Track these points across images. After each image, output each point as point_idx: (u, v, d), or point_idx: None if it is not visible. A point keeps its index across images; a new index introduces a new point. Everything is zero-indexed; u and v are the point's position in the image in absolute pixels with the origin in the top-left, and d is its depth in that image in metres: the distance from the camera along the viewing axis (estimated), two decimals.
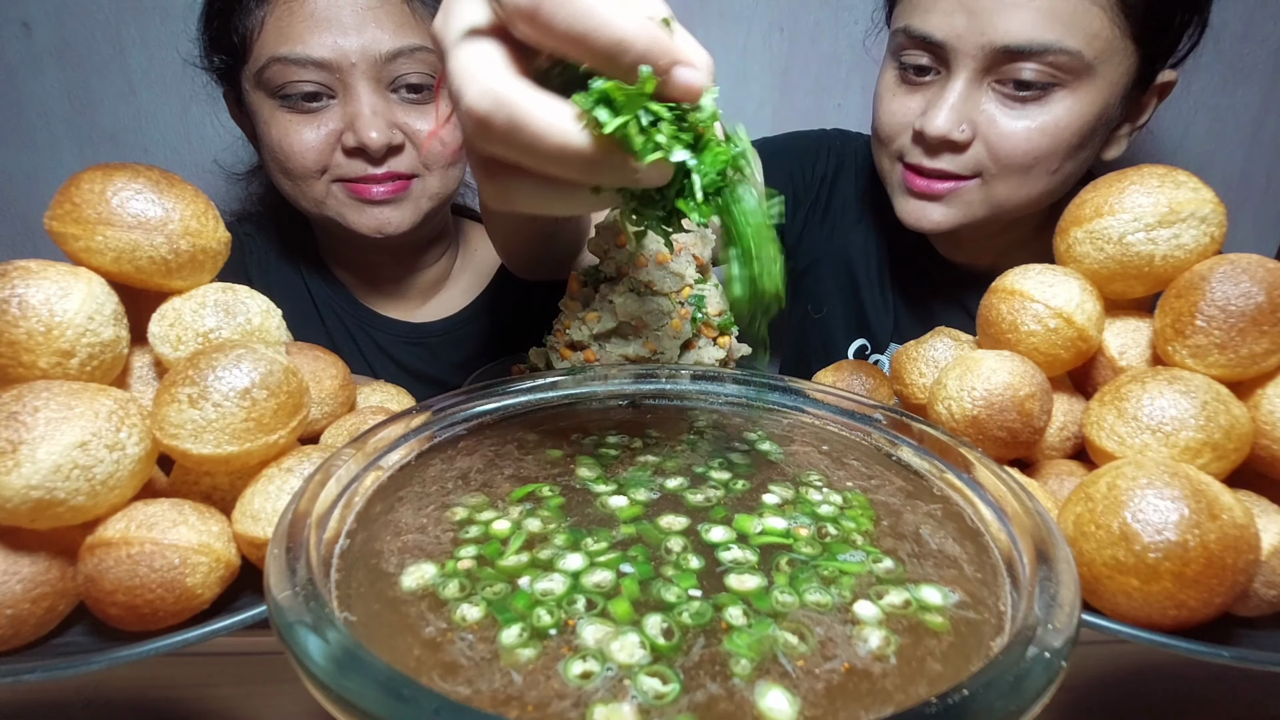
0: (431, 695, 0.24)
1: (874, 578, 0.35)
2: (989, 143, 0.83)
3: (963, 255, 1.04)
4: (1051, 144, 0.81)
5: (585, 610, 0.32)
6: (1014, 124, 0.81)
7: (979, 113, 0.82)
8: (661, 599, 0.33)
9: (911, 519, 0.40)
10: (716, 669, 0.29)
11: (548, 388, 0.51)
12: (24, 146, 1.27)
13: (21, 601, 0.41)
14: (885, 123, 0.91)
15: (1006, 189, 0.85)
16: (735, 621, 0.32)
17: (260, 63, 0.87)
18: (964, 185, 0.86)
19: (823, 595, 0.34)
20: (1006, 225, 0.95)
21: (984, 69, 0.81)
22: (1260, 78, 1.35)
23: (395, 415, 0.44)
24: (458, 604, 0.32)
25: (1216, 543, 0.40)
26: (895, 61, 0.90)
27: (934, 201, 0.88)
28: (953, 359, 0.60)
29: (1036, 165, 0.83)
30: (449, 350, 1.10)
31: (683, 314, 0.64)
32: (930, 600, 0.34)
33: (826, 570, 0.35)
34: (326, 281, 1.08)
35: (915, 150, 0.88)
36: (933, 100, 0.84)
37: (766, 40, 1.29)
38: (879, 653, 0.30)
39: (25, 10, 1.19)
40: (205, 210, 0.50)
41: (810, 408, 0.51)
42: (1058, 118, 0.80)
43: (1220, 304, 0.48)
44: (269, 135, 0.90)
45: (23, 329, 0.43)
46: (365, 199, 0.92)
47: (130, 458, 0.42)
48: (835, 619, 0.32)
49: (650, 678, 0.28)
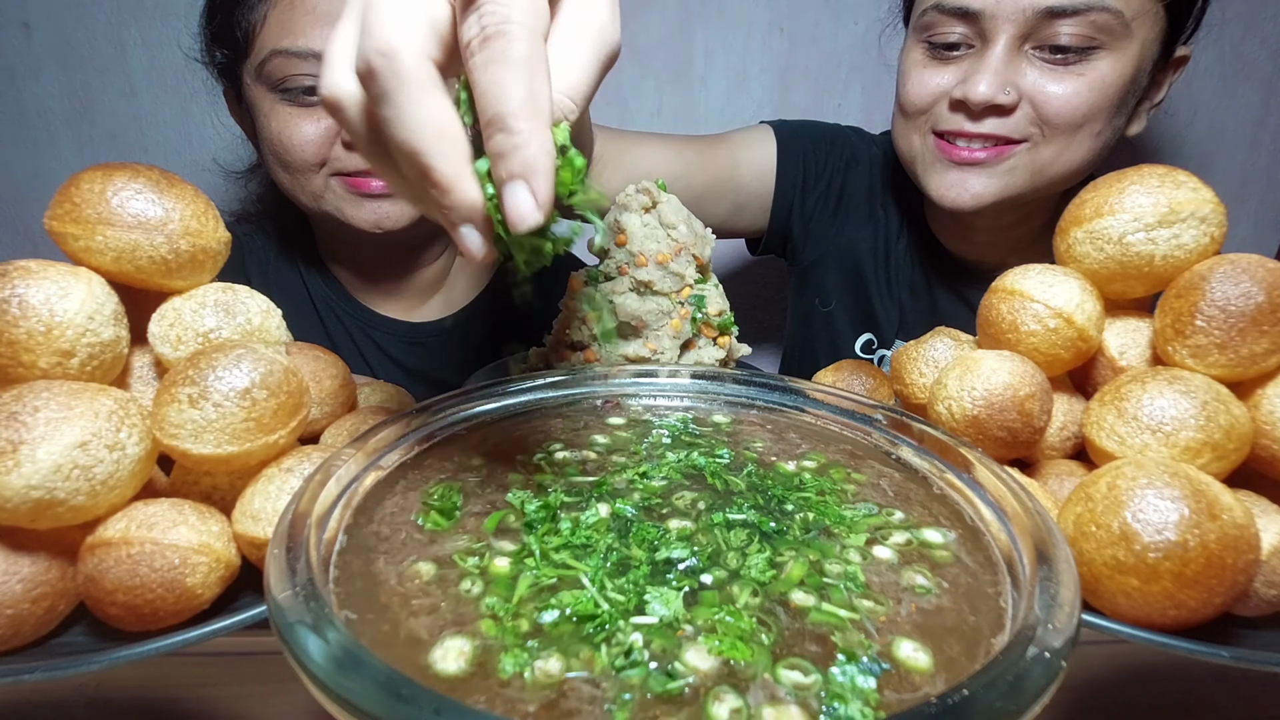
0: (431, 695, 0.24)
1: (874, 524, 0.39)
2: (1037, 104, 0.84)
3: (973, 252, 1.04)
4: (1099, 100, 0.83)
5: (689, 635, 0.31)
6: (1061, 85, 0.82)
7: (1022, 78, 0.84)
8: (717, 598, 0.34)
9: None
10: (828, 645, 0.31)
11: (548, 388, 0.51)
12: (24, 146, 1.27)
13: (21, 601, 0.41)
14: (915, 95, 0.91)
15: (1053, 152, 0.86)
16: (804, 603, 0.33)
17: (262, 56, 0.87)
18: (1011, 150, 0.87)
19: (840, 558, 0.37)
20: (1020, 218, 0.96)
21: (1023, 35, 0.82)
22: (1260, 78, 1.35)
23: (395, 415, 0.44)
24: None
25: (1216, 543, 0.40)
26: (922, 39, 0.90)
27: (975, 171, 0.88)
28: (953, 359, 0.60)
29: (1085, 124, 0.84)
30: (448, 350, 1.10)
31: (683, 314, 0.64)
32: (932, 539, 0.38)
33: (832, 525, 0.39)
34: (325, 281, 1.08)
35: (954, 118, 0.88)
36: (970, 70, 0.85)
37: (766, 40, 1.29)
38: (926, 586, 0.34)
39: (25, 10, 1.19)
40: (205, 210, 0.50)
41: (810, 408, 0.51)
42: (1103, 74, 0.82)
43: (1220, 304, 0.48)
44: (268, 128, 0.90)
45: (23, 329, 0.43)
46: (363, 193, 0.92)
47: (130, 458, 0.42)
48: (873, 570, 0.36)
49: (789, 670, 0.29)
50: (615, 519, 0.39)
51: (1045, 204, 0.97)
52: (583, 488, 0.41)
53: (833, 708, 0.27)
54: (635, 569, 0.35)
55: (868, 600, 0.33)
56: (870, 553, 0.37)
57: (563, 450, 0.46)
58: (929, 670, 0.29)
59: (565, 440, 0.47)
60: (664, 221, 0.64)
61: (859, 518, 0.40)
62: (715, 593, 0.33)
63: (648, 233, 0.63)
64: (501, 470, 0.43)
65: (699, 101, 1.33)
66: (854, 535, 0.38)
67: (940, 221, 1.06)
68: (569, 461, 0.45)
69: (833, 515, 0.40)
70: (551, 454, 0.45)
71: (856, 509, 0.41)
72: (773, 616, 0.32)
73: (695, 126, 1.34)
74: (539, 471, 0.43)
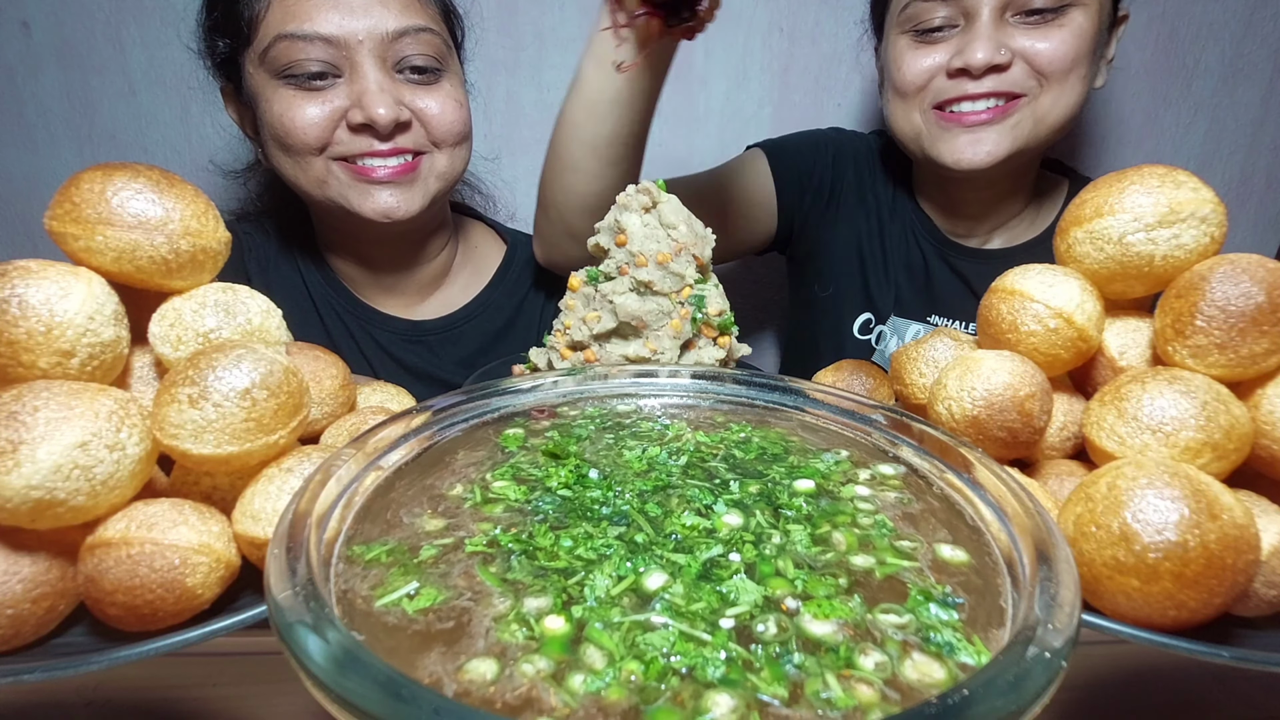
0: (431, 695, 0.24)
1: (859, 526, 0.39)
2: (1029, 58, 0.94)
3: (963, 224, 1.12)
4: (1082, 45, 0.94)
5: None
6: (1047, 39, 0.93)
7: (1011, 40, 0.94)
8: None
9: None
10: (902, 590, 0.34)
11: (548, 388, 0.51)
12: (24, 146, 1.27)
13: (22, 601, 0.41)
14: (912, 76, 0.99)
15: (1050, 99, 0.96)
16: (865, 564, 0.35)
17: (266, 41, 0.87)
18: (1015, 104, 0.96)
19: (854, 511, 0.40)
20: (1005, 189, 1.06)
21: (1002, 6, 0.93)
22: (1260, 78, 1.35)
23: (395, 415, 0.44)
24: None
25: (1216, 543, 0.40)
26: (906, 31, 0.99)
27: (985, 129, 0.97)
28: (953, 359, 0.60)
29: (1074, 69, 0.95)
30: (449, 348, 1.10)
31: (683, 314, 0.64)
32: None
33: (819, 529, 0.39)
34: (326, 279, 1.08)
35: (956, 85, 0.97)
36: (961, 44, 0.95)
37: (766, 40, 1.29)
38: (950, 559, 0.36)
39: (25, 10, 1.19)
40: (205, 210, 0.50)
41: (810, 408, 0.51)
42: (1080, 25, 0.94)
43: (1220, 304, 0.48)
44: (270, 112, 0.89)
45: (23, 329, 0.43)
46: (369, 180, 0.91)
47: (130, 458, 0.42)
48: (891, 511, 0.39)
49: (885, 615, 0.32)
50: (626, 542, 0.37)
51: (1029, 171, 1.08)
52: (586, 501, 0.41)
53: (932, 638, 0.31)
54: (686, 574, 0.34)
55: (905, 541, 0.37)
56: (878, 496, 0.41)
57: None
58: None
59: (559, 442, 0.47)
60: (664, 221, 0.64)
61: (832, 467, 0.44)
62: (779, 578, 0.35)
63: (648, 233, 0.63)
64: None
65: (699, 101, 1.33)
66: (849, 485, 0.42)
67: (931, 198, 1.14)
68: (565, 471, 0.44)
69: (812, 471, 0.43)
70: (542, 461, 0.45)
71: (824, 458, 0.44)
72: (840, 575, 0.35)
73: (695, 126, 1.34)
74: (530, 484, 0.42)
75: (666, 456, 0.45)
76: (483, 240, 1.17)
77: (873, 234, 1.16)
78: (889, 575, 0.35)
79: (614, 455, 0.45)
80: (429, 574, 0.33)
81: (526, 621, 0.31)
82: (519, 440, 0.46)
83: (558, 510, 0.39)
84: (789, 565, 0.35)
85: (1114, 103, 1.36)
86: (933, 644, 0.30)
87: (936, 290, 1.13)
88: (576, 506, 0.39)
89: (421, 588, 0.32)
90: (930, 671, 0.29)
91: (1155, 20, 1.30)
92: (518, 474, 0.42)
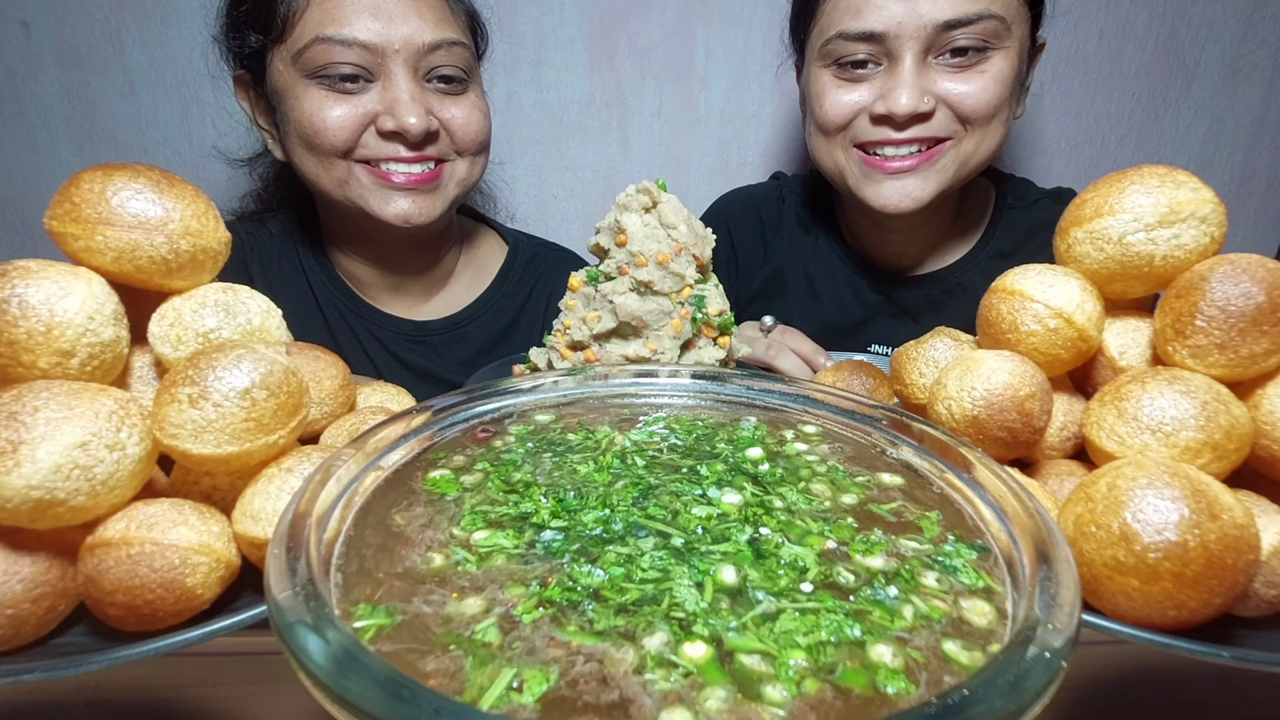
0: (431, 695, 0.24)
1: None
2: (953, 104, 0.94)
3: (893, 254, 1.13)
4: (1003, 90, 0.94)
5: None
6: (969, 84, 0.93)
7: (934, 85, 0.94)
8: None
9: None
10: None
11: (548, 388, 0.51)
12: (24, 146, 1.27)
13: (22, 601, 0.41)
14: (833, 114, 0.98)
15: (973, 143, 0.97)
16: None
17: (302, 42, 0.88)
18: (940, 149, 0.96)
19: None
20: (930, 215, 1.05)
21: (925, 48, 0.92)
22: (1260, 78, 1.35)
23: (395, 415, 0.44)
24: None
25: (1216, 543, 0.40)
26: (828, 65, 0.98)
27: (910, 176, 0.97)
28: (953, 359, 0.60)
29: (997, 114, 0.95)
30: (452, 348, 1.10)
31: (683, 314, 0.64)
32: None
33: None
34: (330, 279, 1.08)
35: (879, 130, 0.96)
36: (885, 86, 0.94)
37: (766, 40, 1.29)
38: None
39: (25, 10, 1.19)
40: (205, 210, 0.50)
41: (810, 408, 0.51)
42: (1000, 69, 0.93)
43: (1220, 304, 0.48)
44: (299, 110, 0.90)
45: (23, 329, 0.43)
46: (390, 185, 0.92)
47: (130, 458, 0.42)
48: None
49: (908, 540, 0.35)
50: (671, 550, 0.36)
51: (950, 201, 1.08)
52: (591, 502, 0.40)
53: (942, 561, 0.35)
54: (745, 560, 0.35)
55: (859, 477, 0.42)
56: (814, 449, 0.45)
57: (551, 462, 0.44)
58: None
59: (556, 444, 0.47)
60: (664, 221, 0.64)
61: (756, 432, 0.47)
62: (811, 535, 0.37)
63: (648, 233, 0.63)
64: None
65: (699, 101, 1.33)
66: (787, 444, 0.46)
67: (857, 230, 1.15)
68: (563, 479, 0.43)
69: (750, 440, 0.46)
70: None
71: (743, 426, 0.48)
72: (847, 516, 0.39)
73: (695, 127, 1.34)
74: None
75: (622, 462, 0.44)
76: (485, 241, 1.17)
77: (805, 269, 1.18)
78: (869, 510, 0.39)
79: (569, 473, 0.42)
80: (511, 658, 0.29)
81: (667, 661, 0.29)
82: (452, 484, 0.41)
83: (569, 543, 0.36)
84: (808, 521, 0.38)
85: (1114, 103, 1.36)
86: (942, 556, 0.35)
87: (874, 320, 1.14)
88: (584, 534, 0.37)
89: (520, 673, 0.28)
90: (967, 579, 0.34)
91: (1155, 20, 1.30)
92: (489, 518, 0.38)
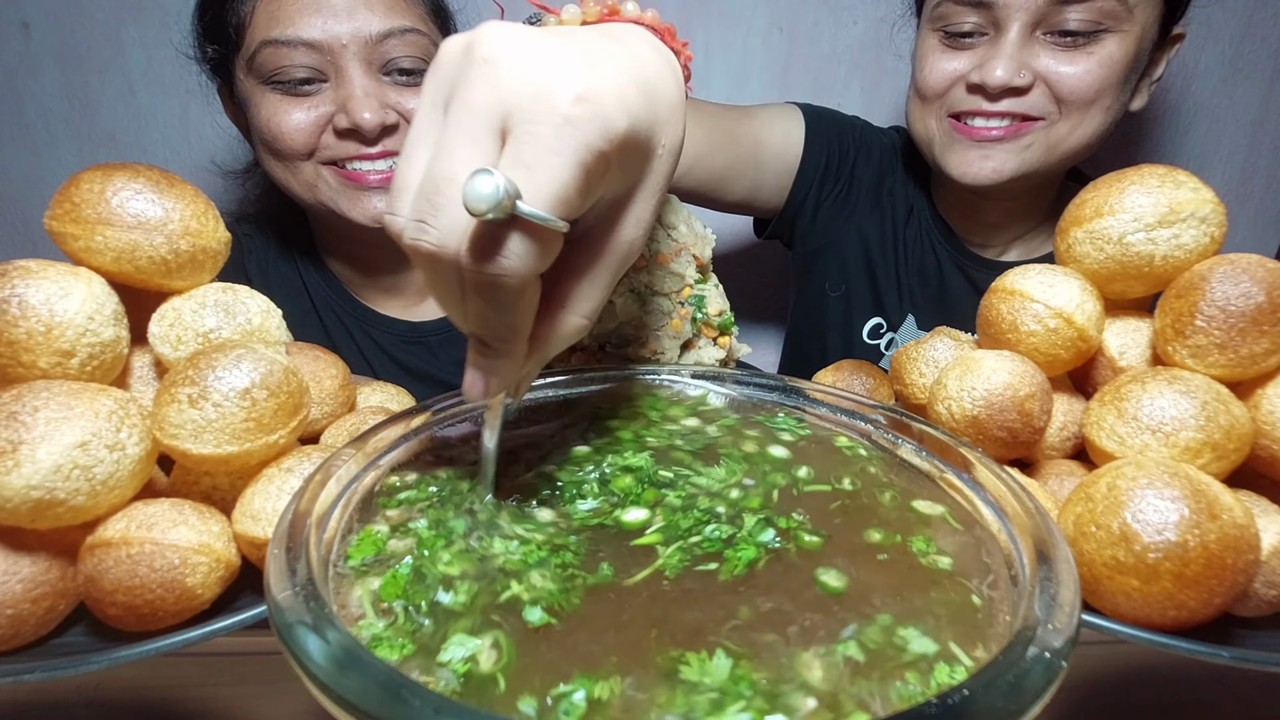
0: (431, 695, 0.24)
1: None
2: (1051, 84, 0.90)
3: (981, 234, 1.09)
4: (1109, 76, 0.89)
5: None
6: (1073, 65, 0.89)
7: (1035, 60, 0.90)
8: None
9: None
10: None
11: (548, 388, 0.51)
12: (24, 146, 1.27)
13: (21, 601, 0.41)
14: (933, 80, 0.96)
15: (1067, 128, 0.92)
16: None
17: (252, 48, 0.87)
18: (1029, 127, 0.92)
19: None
20: (1028, 202, 1.02)
21: (1034, 22, 0.88)
22: (1260, 78, 1.35)
23: (395, 415, 0.44)
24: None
25: (1216, 543, 0.40)
26: (937, 29, 0.95)
27: (994, 147, 0.94)
28: (953, 359, 0.60)
29: (1097, 100, 0.90)
30: (448, 349, 1.10)
31: (683, 314, 0.64)
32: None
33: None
34: (325, 280, 1.08)
35: (972, 99, 0.94)
36: (985, 56, 0.91)
37: (766, 40, 1.29)
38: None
39: (25, 10, 1.19)
40: (205, 210, 0.50)
41: (810, 408, 0.50)
42: (1111, 53, 0.88)
43: (1220, 304, 0.48)
44: (259, 117, 0.90)
45: (23, 329, 0.43)
46: (360, 185, 0.91)
47: (130, 458, 0.42)
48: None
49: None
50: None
51: (1050, 186, 1.04)
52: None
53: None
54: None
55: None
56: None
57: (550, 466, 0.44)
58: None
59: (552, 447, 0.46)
60: (664, 221, 0.64)
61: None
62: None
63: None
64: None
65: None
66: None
67: (949, 205, 1.11)
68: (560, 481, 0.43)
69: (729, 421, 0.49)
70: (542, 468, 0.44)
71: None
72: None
73: None
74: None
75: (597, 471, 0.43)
76: None
77: (886, 236, 1.13)
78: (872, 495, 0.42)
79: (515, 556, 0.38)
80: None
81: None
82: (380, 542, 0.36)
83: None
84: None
85: None
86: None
87: (950, 299, 1.10)
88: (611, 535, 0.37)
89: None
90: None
91: None
92: (531, 561, 0.35)
